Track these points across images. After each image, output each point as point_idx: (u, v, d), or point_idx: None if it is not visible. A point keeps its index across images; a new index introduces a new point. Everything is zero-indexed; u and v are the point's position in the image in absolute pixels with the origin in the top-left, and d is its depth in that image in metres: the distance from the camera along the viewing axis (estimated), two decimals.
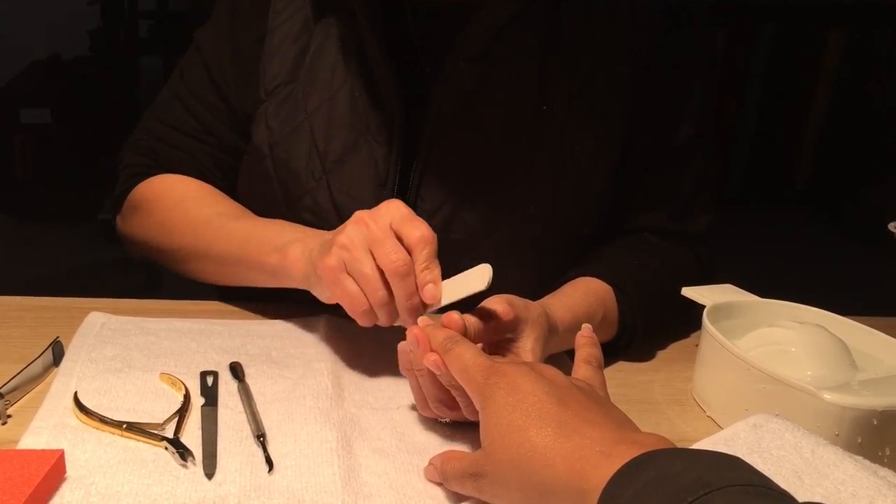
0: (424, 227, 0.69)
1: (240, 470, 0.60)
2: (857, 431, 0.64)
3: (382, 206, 0.71)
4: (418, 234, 0.69)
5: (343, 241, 0.70)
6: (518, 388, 0.56)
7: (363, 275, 0.69)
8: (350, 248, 0.70)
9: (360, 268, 0.69)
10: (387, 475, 0.62)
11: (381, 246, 0.68)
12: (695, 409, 0.78)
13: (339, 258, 0.70)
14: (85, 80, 3.24)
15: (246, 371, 0.75)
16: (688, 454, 0.48)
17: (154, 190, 0.94)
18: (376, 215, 0.70)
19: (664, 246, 0.94)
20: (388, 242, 0.68)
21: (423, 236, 0.69)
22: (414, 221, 0.70)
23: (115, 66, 3.36)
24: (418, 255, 0.68)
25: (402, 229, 0.69)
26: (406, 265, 0.68)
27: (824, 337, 0.74)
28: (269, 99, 0.89)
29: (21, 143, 3.06)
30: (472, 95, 0.86)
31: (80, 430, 0.63)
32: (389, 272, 0.68)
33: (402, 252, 0.68)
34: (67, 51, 3.28)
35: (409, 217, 0.70)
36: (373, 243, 0.69)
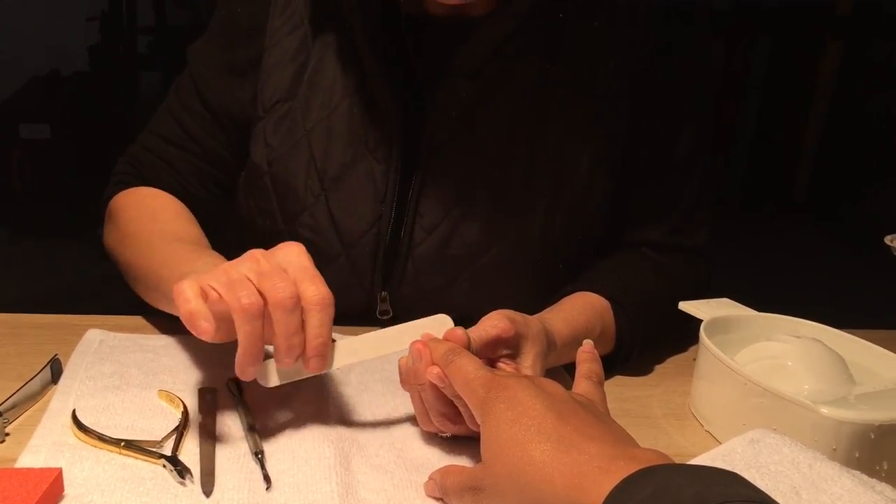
0: (324, 288, 0.62)
1: (238, 487, 0.60)
2: (855, 446, 0.64)
3: (280, 248, 0.66)
4: (317, 293, 0.62)
5: (227, 268, 0.63)
6: (518, 401, 0.56)
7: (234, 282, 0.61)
8: (232, 274, 0.62)
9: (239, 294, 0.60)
10: (385, 492, 0.62)
11: (268, 278, 0.61)
12: (693, 424, 0.78)
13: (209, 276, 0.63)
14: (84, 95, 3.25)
15: (244, 387, 0.74)
16: (686, 470, 0.48)
17: (125, 201, 0.94)
18: (270, 255, 0.65)
19: (662, 260, 0.94)
20: (279, 275, 0.62)
21: (322, 298, 0.62)
22: (315, 277, 0.63)
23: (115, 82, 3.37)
24: (312, 317, 0.62)
25: (300, 281, 0.62)
26: (293, 299, 0.61)
27: (821, 351, 0.74)
28: (267, 116, 0.90)
29: (20, 159, 3.07)
30: (470, 111, 0.86)
31: (78, 448, 0.63)
32: (273, 303, 0.60)
33: (293, 286, 0.61)
34: (67, 66, 3.30)
35: (308, 269, 0.63)
36: (260, 275, 0.62)
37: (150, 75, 3.55)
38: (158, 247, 0.82)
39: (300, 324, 0.62)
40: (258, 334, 0.61)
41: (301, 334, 0.62)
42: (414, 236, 0.88)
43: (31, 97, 3.20)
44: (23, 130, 3.08)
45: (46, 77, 3.27)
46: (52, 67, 3.29)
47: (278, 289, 0.61)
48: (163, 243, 0.83)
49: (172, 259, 0.78)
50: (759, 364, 0.75)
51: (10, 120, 3.06)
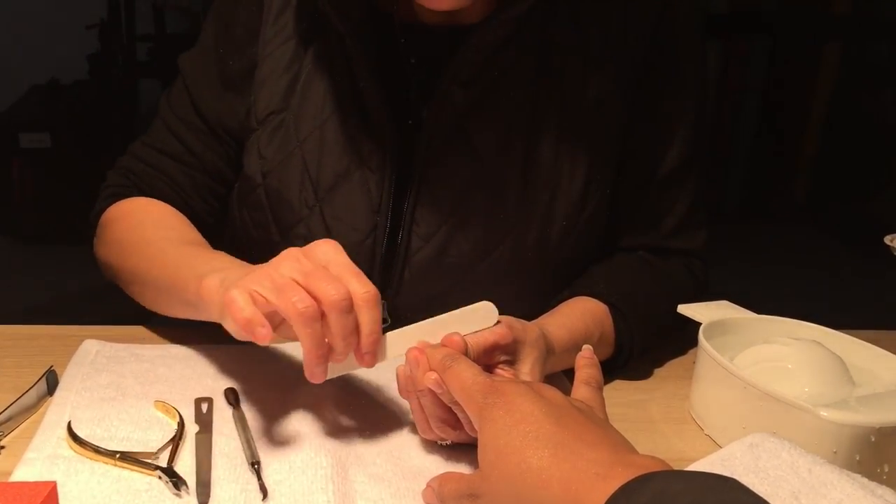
0: (369, 284, 0.63)
1: (233, 498, 0.60)
2: (855, 449, 0.64)
3: (316, 245, 0.66)
4: (366, 291, 0.62)
5: (268, 271, 0.64)
6: (516, 407, 0.56)
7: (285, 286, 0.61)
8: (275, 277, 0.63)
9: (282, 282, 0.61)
10: (382, 501, 0.61)
11: (318, 279, 0.62)
12: (692, 428, 0.78)
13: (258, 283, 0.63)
14: (84, 103, 3.25)
15: (241, 397, 0.74)
16: (683, 476, 0.47)
17: (122, 210, 0.93)
18: (310, 253, 0.65)
19: (659, 263, 0.94)
20: (327, 276, 0.62)
21: (371, 295, 0.62)
22: (359, 274, 0.63)
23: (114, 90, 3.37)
24: (364, 314, 0.62)
25: (345, 278, 0.62)
26: (347, 300, 0.61)
27: (821, 353, 0.74)
28: (260, 128, 0.89)
29: (21, 168, 3.07)
30: (464, 119, 0.86)
31: (73, 460, 0.63)
32: (328, 305, 0.60)
33: (344, 287, 0.61)
34: (66, 75, 3.30)
35: (351, 267, 0.64)
36: (306, 276, 0.62)
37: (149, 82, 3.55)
38: (169, 252, 0.82)
39: (356, 323, 0.63)
40: (320, 336, 0.62)
41: (356, 334, 0.63)
42: (411, 245, 0.88)
43: (31, 106, 3.20)
44: (23, 140, 3.07)
45: (46, 86, 3.28)
46: (52, 76, 3.30)
47: (331, 291, 0.61)
48: (173, 248, 0.83)
49: (185, 262, 0.78)
50: (758, 367, 0.74)
51: (10, 129, 3.06)
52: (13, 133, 3.05)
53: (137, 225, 0.90)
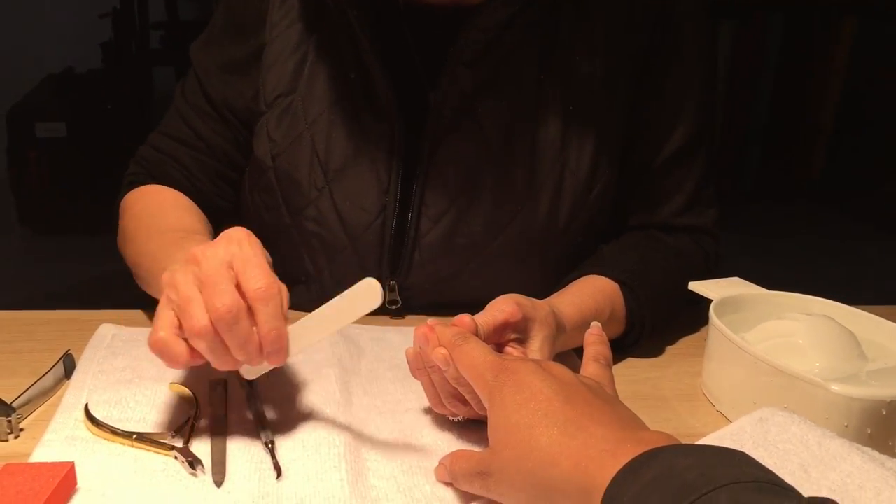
0: (267, 276, 0.60)
1: (248, 477, 0.61)
2: (866, 422, 0.64)
3: (222, 237, 0.64)
4: (259, 285, 0.59)
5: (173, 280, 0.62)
6: (526, 386, 0.56)
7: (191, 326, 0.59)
8: (178, 287, 0.61)
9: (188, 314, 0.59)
10: (395, 478, 0.62)
11: (207, 288, 0.59)
12: (704, 404, 0.78)
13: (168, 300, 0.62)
14: (98, 92, 3.27)
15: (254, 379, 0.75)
16: (692, 451, 0.48)
17: (132, 199, 0.95)
18: (211, 252, 0.62)
19: (670, 241, 0.94)
20: (218, 285, 0.59)
21: (265, 289, 0.59)
22: (255, 267, 0.60)
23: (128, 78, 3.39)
24: (259, 312, 0.59)
25: (241, 275, 0.60)
26: (231, 312, 0.58)
27: (832, 328, 0.74)
28: (269, 111, 0.90)
29: (37, 157, 3.09)
30: (471, 100, 0.86)
31: (90, 441, 0.64)
32: (215, 320, 0.58)
33: (232, 295, 0.59)
34: (80, 64, 3.32)
35: (248, 259, 0.61)
36: (201, 284, 0.60)
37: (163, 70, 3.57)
38: (154, 240, 0.83)
39: (248, 330, 0.59)
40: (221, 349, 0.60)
41: (254, 339, 0.60)
42: (420, 226, 0.88)
43: (46, 96, 3.22)
44: (39, 129, 3.10)
45: (60, 75, 3.30)
46: (66, 65, 3.31)
47: (216, 302, 0.58)
48: (158, 236, 0.83)
49: (162, 251, 0.78)
50: (769, 343, 0.74)
51: (26, 119, 3.09)
52: (29, 123, 3.08)
53: (138, 214, 0.91)
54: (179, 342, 0.60)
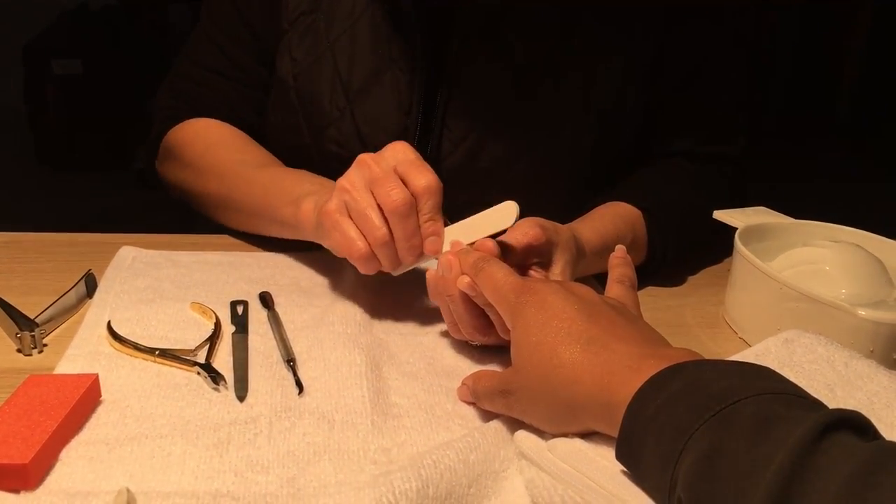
0: (431, 175, 0.67)
1: (270, 392, 0.61)
2: (892, 347, 0.63)
3: (388, 149, 0.69)
4: (424, 182, 0.66)
5: (343, 184, 0.68)
6: (548, 305, 0.55)
7: (363, 215, 0.66)
8: (350, 189, 0.68)
9: (359, 208, 0.67)
10: (416, 396, 0.62)
11: (381, 185, 0.66)
12: (726, 332, 0.77)
13: (339, 200, 0.68)
14: (114, 29, 3.24)
15: (275, 300, 0.75)
16: (716, 365, 0.47)
17: (186, 134, 0.94)
18: (380, 158, 0.69)
19: (696, 169, 0.92)
20: (389, 181, 0.66)
21: (428, 185, 0.66)
22: (420, 167, 0.67)
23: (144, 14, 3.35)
24: (423, 204, 0.66)
25: (407, 174, 0.67)
26: (406, 204, 0.65)
27: (860, 255, 0.72)
28: (291, 30, 0.88)
29: (54, 94, 3.08)
30: (496, 17, 0.84)
31: (114, 356, 0.64)
32: (389, 210, 0.65)
33: (404, 191, 0.66)
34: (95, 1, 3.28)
35: (415, 162, 0.68)
36: (373, 183, 0.67)
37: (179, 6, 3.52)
38: (251, 176, 0.84)
39: (416, 226, 0.67)
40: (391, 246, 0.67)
41: (418, 234, 0.67)
42: (442, 149, 0.87)
43: (62, 33, 3.19)
44: (55, 66, 3.08)
45: (75, 12, 3.26)
46: (81, 1, 3.28)
47: (392, 196, 0.65)
48: (253, 171, 0.85)
49: (273, 186, 0.81)
50: (795, 270, 0.73)
51: (42, 56, 3.07)
52: (45, 60, 3.06)
53: (207, 149, 0.90)
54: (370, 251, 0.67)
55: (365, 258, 0.67)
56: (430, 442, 0.56)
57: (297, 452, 0.54)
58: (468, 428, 0.58)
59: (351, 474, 0.52)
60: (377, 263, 0.68)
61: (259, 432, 0.56)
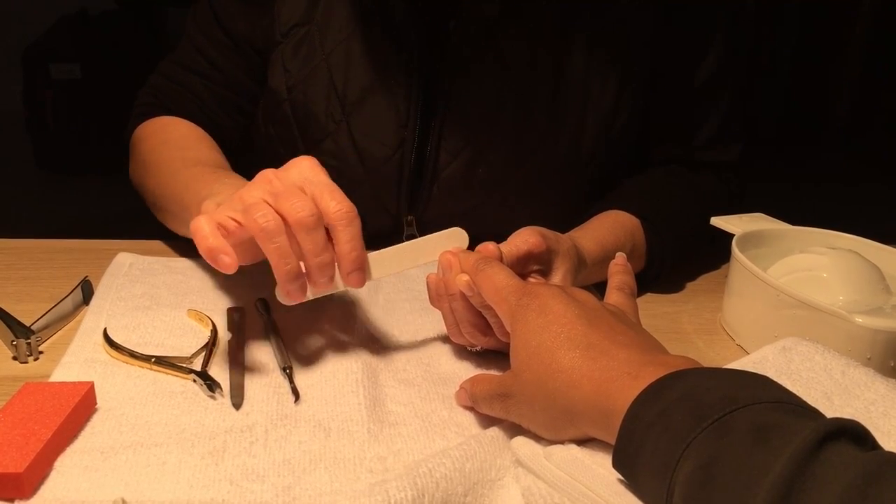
0: (346, 201, 0.59)
1: (266, 400, 0.61)
2: (890, 354, 0.63)
3: (292, 164, 0.62)
4: (339, 207, 0.59)
5: (241, 193, 0.61)
6: (549, 309, 0.55)
7: (261, 228, 0.57)
8: (246, 199, 0.60)
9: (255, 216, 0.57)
10: (412, 404, 0.62)
11: (284, 198, 0.58)
12: (724, 339, 0.77)
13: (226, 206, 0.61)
14: (113, 33, 3.24)
15: (272, 307, 0.75)
16: (716, 373, 0.47)
17: (148, 129, 0.92)
18: (283, 173, 0.62)
19: (693, 176, 0.92)
20: (294, 195, 0.58)
21: (346, 211, 0.59)
22: (333, 191, 0.60)
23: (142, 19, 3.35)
24: (341, 233, 0.59)
25: (319, 198, 0.59)
26: (313, 216, 0.58)
27: (857, 262, 0.72)
28: (284, 41, 0.88)
29: (52, 99, 3.08)
30: (492, 30, 0.84)
31: (109, 364, 0.64)
32: (294, 223, 0.58)
33: (311, 204, 0.58)
34: (94, 5, 3.28)
35: (325, 184, 0.60)
36: (275, 196, 0.59)
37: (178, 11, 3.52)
38: (180, 173, 0.80)
39: (325, 241, 0.59)
40: (286, 250, 0.58)
41: (330, 251, 0.60)
42: (439, 160, 0.87)
43: (61, 37, 3.20)
44: (53, 71, 3.08)
45: (74, 17, 3.26)
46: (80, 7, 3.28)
47: (296, 208, 0.57)
48: (184, 169, 0.81)
49: (193, 184, 0.76)
50: (792, 276, 0.73)
51: (41, 61, 3.07)
52: (44, 64, 3.06)
53: (159, 145, 0.89)
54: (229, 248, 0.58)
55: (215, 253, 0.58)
56: (427, 450, 0.56)
57: (293, 461, 0.54)
58: (464, 436, 0.58)
59: (347, 483, 0.52)
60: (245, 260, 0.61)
61: (255, 440, 0.56)
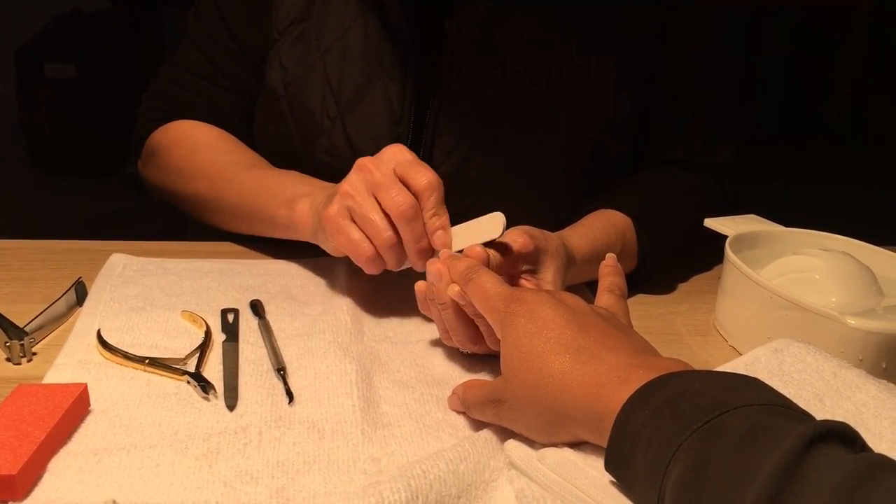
0: (430, 173, 0.68)
1: (261, 402, 0.61)
2: (882, 356, 0.64)
3: (385, 152, 0.70)
4: (424, 180, 0.67)
5: (346, 189, 0.69)
6: (538, 315, 0.55)
7: (368, 220, 0.68)
8: (353, 194, 0.69)
9: (364, 213, 0.68)
10: (406, 405, 0.62)
11: (385, 190, 0.67)
12: (717, 340, 0.77)
13: (342, 206, 0.69)
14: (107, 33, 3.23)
15: (266, 308, 0.75)
16: (706, 375, 0.47)
17: (171, 136, 0.94)
18: (379, 161, 0.69)
19: (687, 177, 0.92)
20: (393, 187, 0.67)
21: (429, 182, 0.67)
22: (419, 167, 0.68)
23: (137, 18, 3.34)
24: (426, 201, 0.67)
25: (406, 175, 0.68)
26: (412, 208, 0.67)
27: (850, 264, 0.73)
28: (281, 38, 0.88)
29: (47, 99, 3.07)
30: (489, 29, 0.84)
31: (103, 365, 0.64)
32: (396, 216, 0.67)
33: (408, 195, 0.67)
34: (88, 4, 3.27)
35: (413, 162, 0.69)
36: (376, 188, 0.68)
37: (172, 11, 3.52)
38: (241, 177, 0.85)
39: (423, 229, 0.68)
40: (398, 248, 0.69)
41: (426, 237, 0.68)
42: (433, 159, 0.87)
43: (55, 37, 3.19)
44: (48, 70, 3.08)
45: (68, 16, 3.26)
46: (74, 6, 3.27)
47: (397, 202, 0.66)
48: (244, 173, 0.86)
49: (264, 188, 0.82)
50: (785, 278, 0.73)
51: (35, 60, 3.06)
52: (38, 64, 3.05)
53: (193, 150, 0.90)
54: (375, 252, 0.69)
55: (371, 260, 0.69)
56: (420, 451, 0.56)
57: (286, 462, 0.54)
58: (458, 437, 0.58)
59: (340, 484, 0.52)
60: (382, 263, 0.70)
61: (249, 442, 0.56)
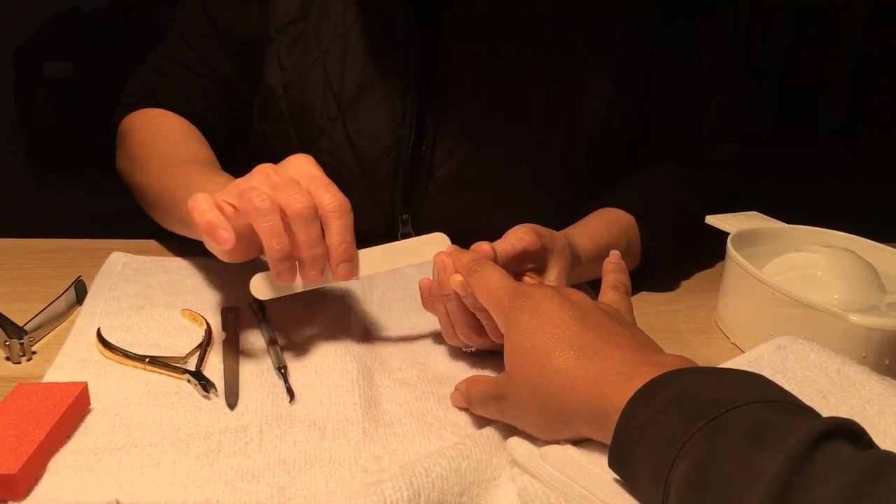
0: (339, 194, 0.61)
1: (261, 400, 0.61)
2: (885, 353, 0.63)
3: (290, 161, 0.64)
4: (332, 200, 0.60)
5: (238, 181, 0.63)
6: (542, 310, 0.55)
7: (256, 208, 0.58)
8: (245, 187, 0.61)
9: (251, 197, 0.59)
10: (407, 404, 0.62)
11: (283, 190, 0.60)
12: (719, 337, 0.77)
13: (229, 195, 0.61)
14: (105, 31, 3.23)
15: (266, 306, 0.75)
16: (710, 372, 0.47)
17: (134, 123, 0.92)
18: (282, 168, 0.63)
19: (687, 175, 0.92)
20: (295, 187, 0.60)
21: (340, 205, 0.61)
22: (330, 186, 0.62)
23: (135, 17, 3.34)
24: (332, 224, 0.61)
25: (315, 191, 0.61)
26: (310, 208, 0.59)
27: (852, 260, 0.72)
28: (280, 38, 0.88)
29: (45, 97, 3.07)
30: (487, 27, 0.84)
31: (103, 364, 0.64)
32: (291, 214, 0.59)
33: (308, 197, 0.60)
34: (87, 3, 3.27)
35: (321, 178, 0.62)
36: (275, 187, 0.61)
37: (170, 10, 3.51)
38: (170, 169, 0.80)
39: (320, 234, 0.61)
40: (279, 229, 0.59)
41: (323, 244, 0.61)
42: (434, 159, 0.87)
43: (53, 36, 3.18)
44: (46, 69, 3.07)
45: (66, 14, 3.25)
46: (73, 4, 3.27)
47: (294, 199, 0.59)
48: (174, 165, 0.81)
49: (185, 181, 0.76)
50: (787, 275, 0.73)
51: (33, 59, 3.06)
52: (36, 62, 3.05)
53: (146, 139, 0.88)
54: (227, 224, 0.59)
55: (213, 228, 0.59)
56: (422, 450, 0.56)
57: (288, 461, 0.54)
58: (460, 436, 0.58)
59: (342, 483, 0.52)
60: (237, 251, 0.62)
61: (250, 441, 0.56)
